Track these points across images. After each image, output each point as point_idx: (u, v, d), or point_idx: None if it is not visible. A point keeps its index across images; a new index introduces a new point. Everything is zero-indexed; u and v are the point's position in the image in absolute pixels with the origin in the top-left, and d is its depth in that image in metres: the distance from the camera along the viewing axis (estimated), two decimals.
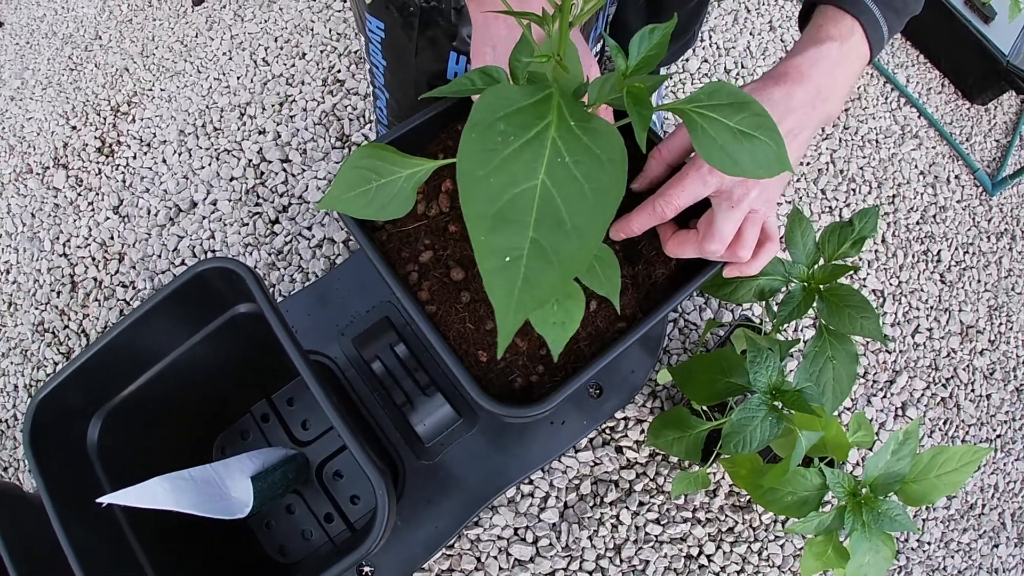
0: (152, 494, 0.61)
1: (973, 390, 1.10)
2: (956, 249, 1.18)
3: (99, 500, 0.60)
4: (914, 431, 0.69)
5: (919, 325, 1.11)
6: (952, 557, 1.01)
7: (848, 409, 1.03)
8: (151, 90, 1.23)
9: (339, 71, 1.20)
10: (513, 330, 0.25)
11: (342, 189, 0.42)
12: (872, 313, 0.65)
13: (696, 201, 0.53)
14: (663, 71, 1.19)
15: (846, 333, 0.66)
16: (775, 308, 0.72)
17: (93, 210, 1.14)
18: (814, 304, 0.67)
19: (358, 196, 0.41)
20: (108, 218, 1.12)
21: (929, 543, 1.01)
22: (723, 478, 0.94)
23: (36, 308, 1.09)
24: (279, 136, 1.14)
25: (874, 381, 1.06)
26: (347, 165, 0.42)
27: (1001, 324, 1.15)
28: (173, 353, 0.68)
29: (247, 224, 1.07)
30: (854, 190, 1.17)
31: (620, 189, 0.26)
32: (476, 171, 0.25)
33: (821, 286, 0.68)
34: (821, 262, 0.70)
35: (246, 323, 0.67)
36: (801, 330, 1.05)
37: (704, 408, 0.82)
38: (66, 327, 1.07)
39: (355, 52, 1.22)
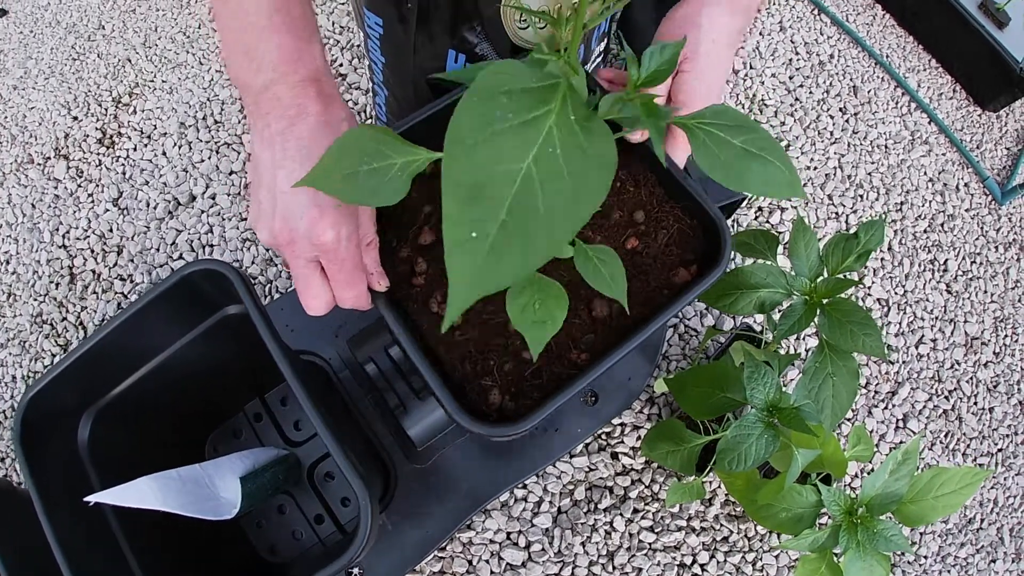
0: (139, 494, 0.61)
1: (976, 403, 1.09)
2: (963, 259, 1.16)
3: (86, 499, 0.59)
4: (914, 451, 0.68)
5: (923, 336, 1.09)
6: (949, 572, 1.00)
7: (848, 420, 1.02)
8: (152, 81, 1.22)
9: (341, 64, 1.19)
10: (464, 306, 0.24)
11: (328, 169, 0.38)
12: (875, 330, 0.63)
13: None
14: None
15: (847, 350, 0.65)
16: (776, 320, 0.71)
17: (93, 202, 1.13)
18: (815, 319, 0.66)
19: (346, 179, 0.38)
20: (107, 210, 1.12)
21: (926, 557, 0.99)
22: (719, 487, 0.93)
23: (35, 299, 1.09)
24: None
25: (875, 392, 1.04)
26: (338, 144, 0.38)
27: (1006, 336, 1.14)
28: (164, 353, 0.67)
29: (245, 219, 1.06)
30: (861, 196, 1.15)
31: (601, 194, 0.25)
32: (466, 138, 0.25)
33: (823, 300, 0.66)
34: (824, 275, 0.69)
35: (237, 324, 0.66)
36: (803, 338, 1.04)
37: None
38: (64, 319, 1.07)
39: (357, 46, 1.20)
